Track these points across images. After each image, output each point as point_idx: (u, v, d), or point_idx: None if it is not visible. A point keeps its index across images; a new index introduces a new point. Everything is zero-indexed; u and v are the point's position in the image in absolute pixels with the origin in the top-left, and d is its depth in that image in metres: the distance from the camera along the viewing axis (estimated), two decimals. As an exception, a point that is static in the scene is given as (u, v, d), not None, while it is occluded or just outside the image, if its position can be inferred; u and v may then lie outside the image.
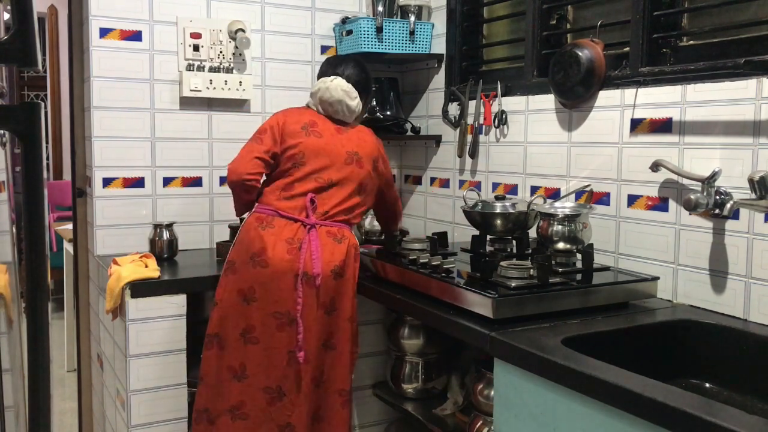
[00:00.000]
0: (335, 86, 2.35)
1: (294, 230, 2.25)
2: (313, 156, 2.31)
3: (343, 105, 2.36)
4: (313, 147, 2.31)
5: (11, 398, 1.13)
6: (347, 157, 2.34)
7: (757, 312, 1.79)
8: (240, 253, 2.27)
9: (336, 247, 2.27)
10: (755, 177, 1.67)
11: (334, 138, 2.35)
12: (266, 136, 2.33)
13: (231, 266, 2.29)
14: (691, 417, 1.20)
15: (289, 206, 2.28)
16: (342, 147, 2.34)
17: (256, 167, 2.29)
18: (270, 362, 2.21)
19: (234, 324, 2.24)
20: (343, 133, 2.38)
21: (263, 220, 2.28)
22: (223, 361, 2.25)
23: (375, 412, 2.58)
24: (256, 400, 2.22)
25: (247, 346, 2.22)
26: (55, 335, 4.37)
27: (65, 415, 3.70)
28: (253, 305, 2.22)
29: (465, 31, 2.88)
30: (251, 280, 2.22)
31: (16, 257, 1.20)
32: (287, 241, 2.23)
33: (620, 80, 2.12)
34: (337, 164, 2.32)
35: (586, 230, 2.08)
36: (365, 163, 2.37)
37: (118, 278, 2.33)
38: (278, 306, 2.20)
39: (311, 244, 2.23)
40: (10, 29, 0.92)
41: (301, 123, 2.34)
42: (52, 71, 6.68)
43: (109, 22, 2.66)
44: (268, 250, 2.22)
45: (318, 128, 2.35)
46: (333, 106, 2.37)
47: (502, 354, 1.64)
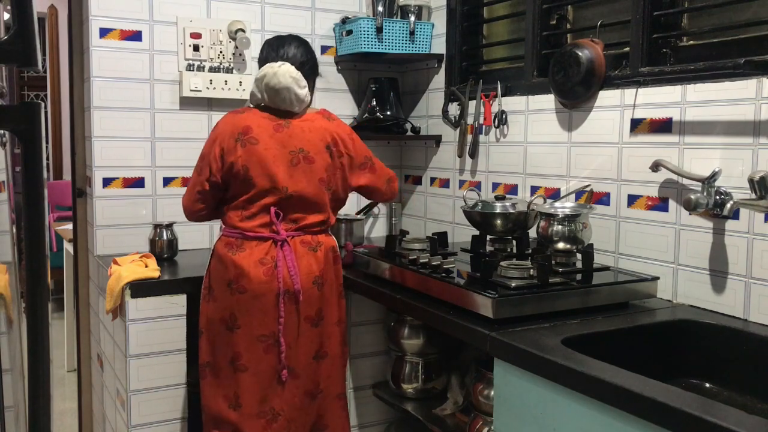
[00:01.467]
0: (283, 72, 2.14)
1: (265, 249, 2.15)
2: (256, 167, 2.14)
3: (291, 93, 2.15)
4: (253, 157, 2.14)
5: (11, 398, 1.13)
6: (291, 158, 2.16)
7: (757, 312, 1.79)
8: (216, 281, 2.21)
9: (313, 256, 2.20)
10: (755, 177, 1.67)
11: (272, 139, 2.16)
12: (204, 164, 2.21)
13: (209, 293, 2.23)
14: (691, 417, 1.20)
15: (254, 225, 2.17)
16: (283, 148, 2.17)
17: (201, 202, 2.24)
18: (260, 386, 2.17)
19: (222, 352, 2.20)
20: (282, 130, 2.18)
21: (232, 244, 2.17)
22: (219, 390, 2.21)
23: (375, 412, 2.58)
24: (253, 428, 2.19)
25: (237, 374, 2.17)
26: (55, 335, 4.37)
27: (65, 415, 3.70)
28: (237, 332, 2.16)
29: (465, 31, 2.88)
30: (231, 308, 2.16)
31: (16, 257, 1.20)
32: (261, 262, 2.14)
33: (620, 80, 2.12)
34: (285, 169, 2.16)
35: (586, 230, 2.08)
36: (316, 155, 2.19)
37: (118, 278, 2.33)
38: (262, 329, 2.15)
39: (286, 260, 2.14)
40: (10, 29, 0.92)
41: (234, 134, 2.16)
42: (52, 71, 6.68)
43: (109, 22, 2.66)
44: (243, 275, 2.13)
45: (252, 134, 2.16)
46: (280, 94, 2.15)
47: (502, 354, 1.64)
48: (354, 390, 2.50)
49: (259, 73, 2.19)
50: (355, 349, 2.47)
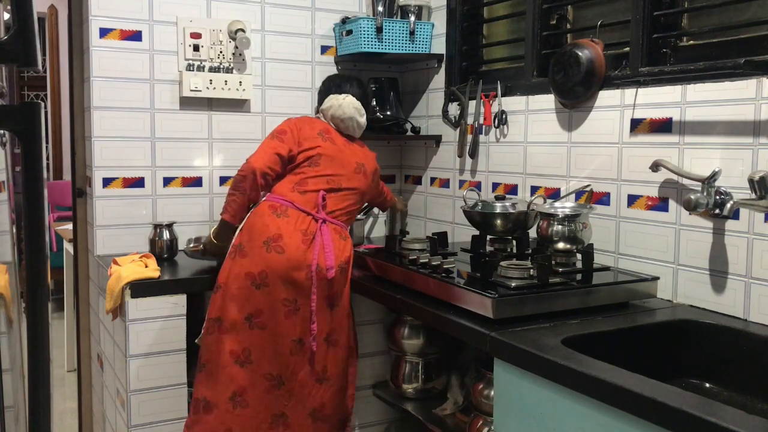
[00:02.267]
0: (348, 104, 2.50)
1: (307, 223, 2.32)
2: (328, 159, 2.42)
3: (354, 121, 2.51)
4: (329, 151, 2.43)
5: (11, 398, 1.13)
6: (356, 167, 2.47)
7: (757, 312, 1.79)
8: (251, 238, 2.28)
9: (343, 244, 2.34)
10: (755, 177, 1.67)
11: (346, 148, 2.49)
12: (286, 136, 2.42)
13: (239, 250, 2.29)
14: (691, 417, 1.20)
15: (303, 200, 2.35)
16: (352, 157, 2.48)
17: (275, 163, 2.37)
18: (274, 349, 2.23)
19: (239, 308, 2.24)
20: (351, 146, 2.52)
21: (277, 208, 2.32)
22: (224, 346, 2.24)
23: (375, 412, 2.58)
24: (257, 387, 2.23)
25: (254, 331, 2.23)
26: (55, 335, 4.37)
27: (65, 415, 3.70)
28: (263, 290, 2.23)
29: (465, 31, 2.88)
30: (264, 265, 2.23)
31: (16, 257, 1.20)
32: (302, 232, 2.28)
33: (620, 80, 2.12)
34: (348, 172, 2.45)
35: (586, 230, 2.08)
36: (369, 175, 2.52)
37: (118, 278, 2.33)
38: (288, 293, 2.23)
39: (323, 238, 2.29)
40: (10, 29, 0.92)
41: (317, 129, 2.47)
42: (52, 71, 6.68)
43: (109, 22, 2.66)
44: (285, 237, 2.25)
45: (331, 135, 2.49)
46: (344, 123, 2.50)
47: (502, 354, 1.64)
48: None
49: (325, 105, 2.54)
50: (355, 349, 2.47)
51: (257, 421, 2.24)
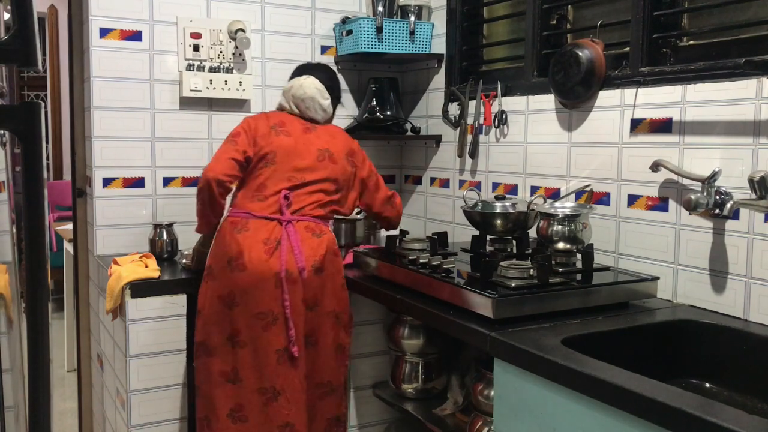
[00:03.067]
0: (309, 84, 2.42)
1: (270, 229, 2.25)
2: (284, 155, 2.32)
3: (316, 102, 2.41)
4: (284, 146, 2.33)
5: (11, 398, 1.13)
6: (318, 155, 2.36)
7: (757, 312, 1.79)
8: (217, 259, 2.26)
9: (315, 242, 2.28)
10: (755, 177, 1.67)
11: (303, 137, 2.37)
12: (240, 138, 2.33)
13: (209, 272, 2.28)
14: (691, 417, 1.20)
15: (263, 207, 2.28)
16: (312, 145, 2.37)
17: (231, 168, 2.28)
18: (260, 362, 2.21)
19: (219, 330, 2.23)
20: (312, 132, 2.40)
21: (237, 223, 2.27)
22: (214, 367, 2.24)
23: (375, 412, 2.58)
24: (252, 402, 2.22)
25: (236, 350, 2.22)
26: (55, 335, 4.37)
27: (65, 415, 3.70)
28: (235, 309, 2.21)
29: (465, 31, 2.88)
30: (230, 286, 2.21)
31: (16, 257, 1.20)
32: (264, 242, 2.23)
33: (620, 80, 2.12)
34: (309, 163, 2.34)
35: (586, 230, 2.08)
36: (338, 159, 2.39)
37: (118, 278, 2.33)
38: (261, 306, 2.19)
39: (290, 240, 2.23)
40: (10, 29, 0.92)
41: (271, 123, 2.37)
42: (52, 71, 6.68)
43: (109, 22, 2.66)
44: (245, 253, 2.21)
45: (286, 127, 2.37)
46: (305, 103, 2.41)
47: (502, 354, 1.64)
48: (354, 390, 2.50)
49: (287, 86, 2.47)
50: (355, 349, 2.47)
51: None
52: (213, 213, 2.33)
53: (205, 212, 2.33)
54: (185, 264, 2.51)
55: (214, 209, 2.32)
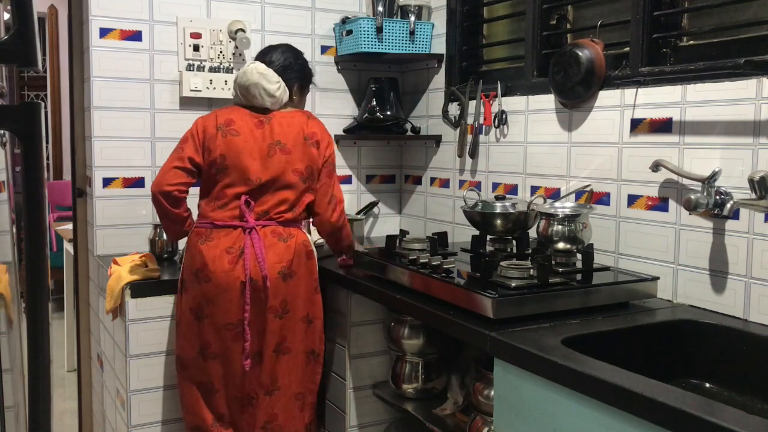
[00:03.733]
0: (251, 69, 2.26)
1: (233, 238, 2.21)
2: (233, 157, 2.21)
3: (260, 88, 2.24)
4: (232, 148, 2.22)
5: (11, 398, 1.13)
6: (269, 150, 2.24)
7: (757, 312, 1.79)
8: (187, 271, 2.26)
9: (281, 247, 2.23)
10: (755, 177, 1.67)
11: (252, 134, 2.24)
12: (187, 144, 2.25)
13: (182, 284, 2.28)
14: (691, 417, 1.20)
15: (225, 215, 2.23)
16: (263, 141, 2.24)
17: (176, 177, 2.20)
18: (232, 373, 2.23)
19: (191, 344, 2.24)
20: (264, 126, 2.26)
21: (202, 234, 2.24)
22: (191, 380, 2.26)
23: (375, 412, 2.58)
24: (232, 410, 2.25)
25: (208, 362, 2.23)
26: (55, 335, 4.37)
27: (65, 415, 3.70)
28: (204, 321, 2.21)
29: (465, 31, 2.88)
30: (198, 297, 2.21)
31: (16, 257, 1.20)
32: (227, 251, 2.19)
33: (620, 80, 2.12)
34: (261, 161, 2.23)
35: (586, 230, 2.08)
36: (293, 147, 2.25)
37: (118, 278, 2.33)
38: (228, 317, 2.19)
39: (254, 248, 2.18)
40: (10, 29, 0.92)
41: (216, 124, 2.24)
42: (52, 71, 6.67)
43: (109, 22, 2.66)
44: (209, 264, 2.19)
45: (234, 126, 2.24)
46: (249, 90, 2.25)
47: (502, 354, 1.64)
48: (354, 390, 2.50)
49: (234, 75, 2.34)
50: (355, 349, 2.47)
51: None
52: (173, 223, 2.28)
53: (166, 224, 2.31)
54: None
55: (173, 219, 2.26)
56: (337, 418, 2.50)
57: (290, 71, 2.34)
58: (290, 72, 2.34)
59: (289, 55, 2.37)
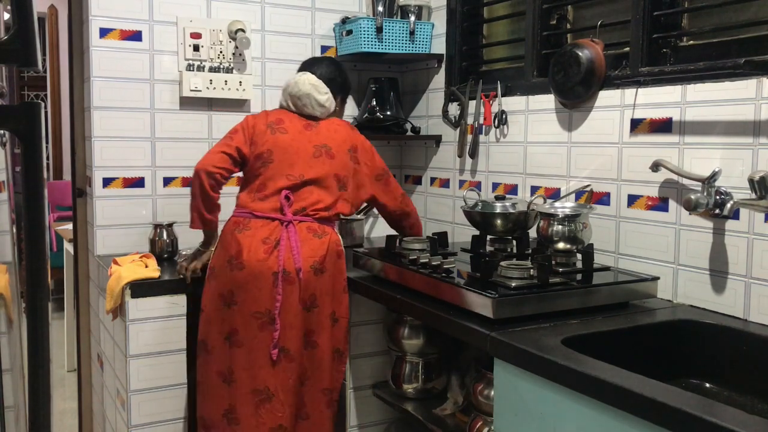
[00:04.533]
0: (303, 80, 2.39)
1: (270, 229, 2.25)
2: (280, 153, 2.31)
3: (311, 99, 2.38)
4: (280, 144, 2.32)
5: (11, 398, 1.13)
6: (315, 151, 2.33)
7: (757, 312, 1.79)
8: (219, 259, 2.28)
9: (316, 242, 2.27)
10: (755, 177, 1.67)
11: (301, 134, 2.35)
12: (237, 135, 2.35)
13: (212, 272, 2.30)
14: (691, 417, 1.20)
15: (264, 207, 2.29)
16: (309, 142, 2.34)
17: (222, 161, 2.29)
18: (254, 363, 2.22)
19: (218, 329, 2.25)
20: (312, 129, 2.38)
21: (239, 223, 2.28)
22: (212, 367, 2.27)
23: (375, 412, 2.58)
24: (245, 405, 2.23)
25: (232, 350, 2.23)
26: (55, 335, 4.37)
27: (65, 415, 3.70)
28: (233, 308, 2.22)
29: (465, 31, 2.88)
30: (230, 284, 2.23)
31: (16, 257, 1.20)
32: (263, 241, 2.23)
33: (620, 80, 2.12)
34: (306, 159, 2.32)
35: (586, 230, 2.08)
36: (337, 153, 2.36)
37: (118, 278, 2.33)
38: (258, 306, 2.20)
39: (290, 240, 2.23)
40: (10, 29, 0.92)
41: (267, 122, 2.36)
42: (52, 71, 6.68)
43: (109, 22, 2.66)
44: (244, 252, 2.22)
45: (284, 125, 2.36)
46: (301, 100, 2.38)
47: (502, 354, 1.64)
48: (354, 390, 2.50)
49: (284, 84, 2.45)
50: (355, 349, 2.47)
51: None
52: (205, 207, 2.31)
53: (197, 204, 2.31)
54: (178, 269, 2.47)
55: (206, 203, 2.30)
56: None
57: (334, 84, 2.47)
58: (334, 84, 2.47)
59: (333, 68, 2.50)
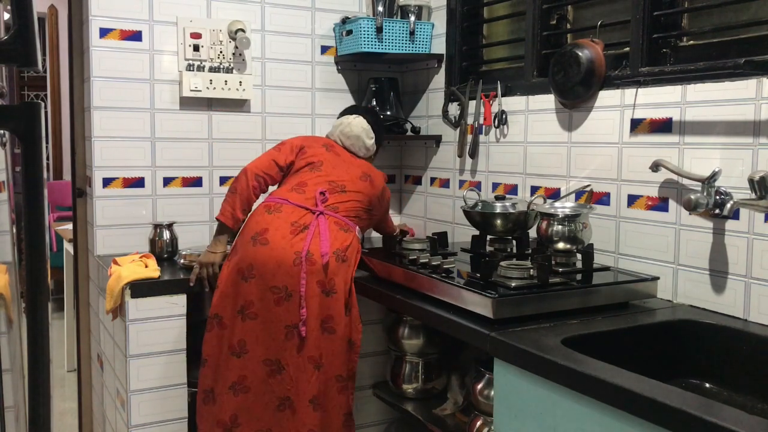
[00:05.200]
0: (357, 123, 2.60)
1: (301, 215, 2.33)
2: (330, 166, 2.48)
3: (361, 141, 2.59)
4: (331, 160, 2.50)
5: (11, 398, 1.13)
6: (362, 175, 2.50)
7: (757, 312, 1.79)
8: (242, 236, 2.34)
9: (343, 235, 2.33)
10: (755, 177, 1.67)
11: (350, 160, 2.55)
12: (285, 147, 2.52)
13: (233, 250, 2.35)
14: (691, 417, 1.20)
15: (300, 198, 2.38)
16: (357, 168, 2.53)
17: (269, 167, 2.45)
18: (268, 335, 2.24)
19: (232, 303, 2.27)
20: (357, 161, 2.58)
21: (271, 206, 2.36)
22: (223, 341, 2.28)
23: (375, 412, 2.58)
24: (256, 373, 2.25)
25: (246, 322, 2.26)
26: (55, 335, 4.37)
27: (65, 415, 3.70)
28: (251, 282, 2.25)
29: (465, 31, 2.88)
30: (250, 259, 2.26)
31: (16, 257, 1.20)
32: (292, 224, 2.30)
33: (620, 80, 2.12)
34: (352, 177, 2.47)
35: (586, 230, 2.08)
36: (377, 187, 2.53)
37: (118, 278, 2.33)
38: (276, 281, 2.23)
39: (319, 227, 2.30)
40: (10, 29, 0.92)
41: (322, 143, 2.56)
42: (52, 71, 6.67)
43: (109, 22, 2.66)
44: (270, 230, 2.28)
45: (337, 149, 2.57)
46: (350, 140, 2.59)
47: (502, 354, 1.64)
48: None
49: (337, 122, 2.66)
50: (355, 349, 2.47)
51: (261, 404, 2.26)
52: (240, 205, 2.41)
53: (234, 200, 2.40)
54: (184, 263, 2.51)
55: (243, 201, 2.41)
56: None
57: (376, 132, 2.67)
58: (376, 132, 2.67)
59: (377, 119, 2.73)
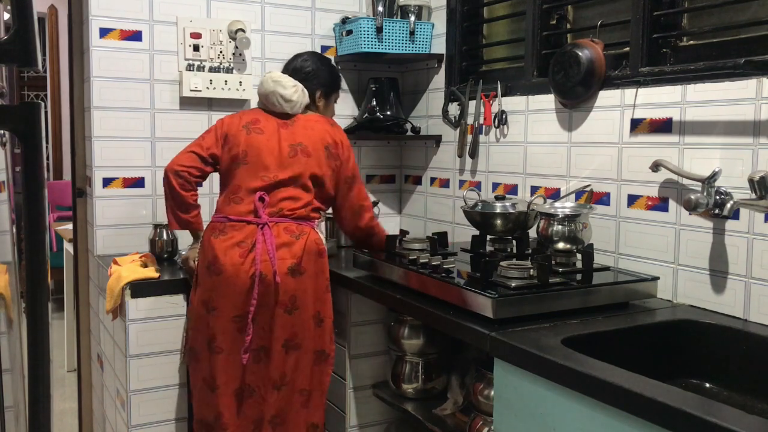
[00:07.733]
0: (266, 78, 2.37)
1: (246, 233, 2.23)
2: (255, 153, 2.30)
3: (276, 96, 2.34)
4: (255, 144, 2.30)
5: (11, 398, 1.13)
6: (290, 151, 2.31)
7: (757, 312, 1.79)
8: (200, 265, 2.28)
9: (293, 243, 2.25)
10: (755, 177, 1.67)
11: (276, 134, 2.33)
12: (208, 135, 2.35)
13: (196, 279, 2.30)
14: (691, 417, 1.20)
15: (240, 210, 2.27)
16: (284, 141, 2.32)
17: (190, 160, 2.30)
18: (235, 367, 2.23)
19: (202, 336, 2.25)
20: (288, 128, 2.35)
21: (216, 228, 2.28)
22: (199, 373, 2.27)
23: (375, 412, 2.58)
24: (229, 408, 2.24)
25: (213, 356, 2.23)
26: (55, 335, 4.37)
27: (65, 415, 3.69)
28: (213, 314, 2.22)
29: (465, 31, 2.88)
30: (210, 290, 2.22)
31: (16, 257, 1.20)
32: (238, 245, 2.22)
33: (620, 80, 2.12)
34: (281, 160, 2.30)
35: (586, 230, 2.08)
36: (313, 151, 2.33)
37: (118, 278, 2.33)
38: (236, 310, 2.20)
39: (266, 243, 2.21)
40: (10, 29, 0.92)
41: (243, 122, 2.35)
42: (52, 71, 6.68)
43: (109, 22, 2.66)
44: (220, 256, 2.21)
45: (260, 125, 2.34)
46: (268, 99, 2.36)
47: (502, 354, 1.64)
48: (354, 390, 2.50)
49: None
50: (355, 349, 2.47)
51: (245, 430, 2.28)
52: (177, 207, 2.33)
53: (170, 205, 2.34)
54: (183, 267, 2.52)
55: (178, 202, 2.32)
56: (337, 418, 2.50)
57: (313, 77, 2.46)
58: (313, 78, 2.46)
59: (311, 62, 2.48)
